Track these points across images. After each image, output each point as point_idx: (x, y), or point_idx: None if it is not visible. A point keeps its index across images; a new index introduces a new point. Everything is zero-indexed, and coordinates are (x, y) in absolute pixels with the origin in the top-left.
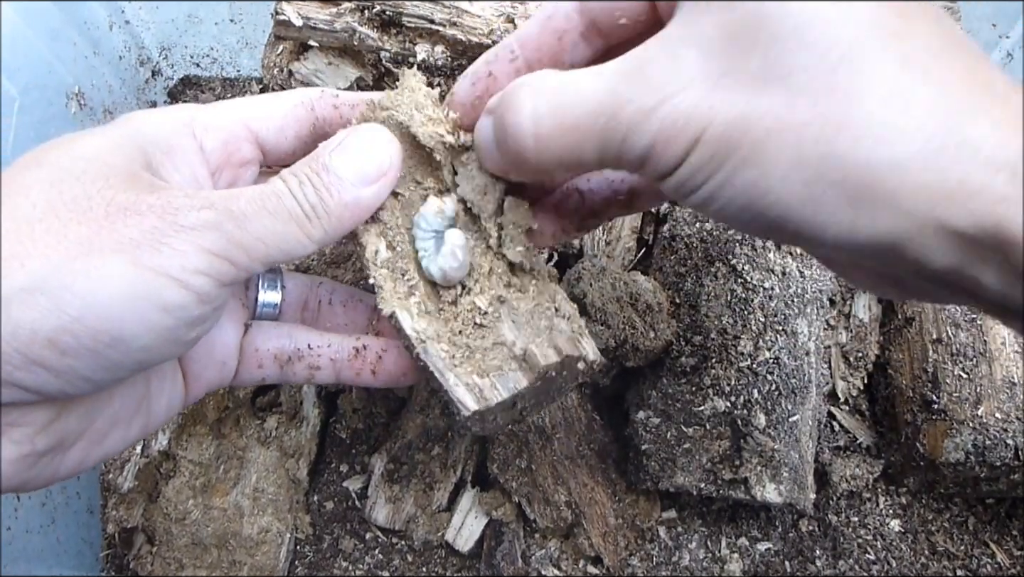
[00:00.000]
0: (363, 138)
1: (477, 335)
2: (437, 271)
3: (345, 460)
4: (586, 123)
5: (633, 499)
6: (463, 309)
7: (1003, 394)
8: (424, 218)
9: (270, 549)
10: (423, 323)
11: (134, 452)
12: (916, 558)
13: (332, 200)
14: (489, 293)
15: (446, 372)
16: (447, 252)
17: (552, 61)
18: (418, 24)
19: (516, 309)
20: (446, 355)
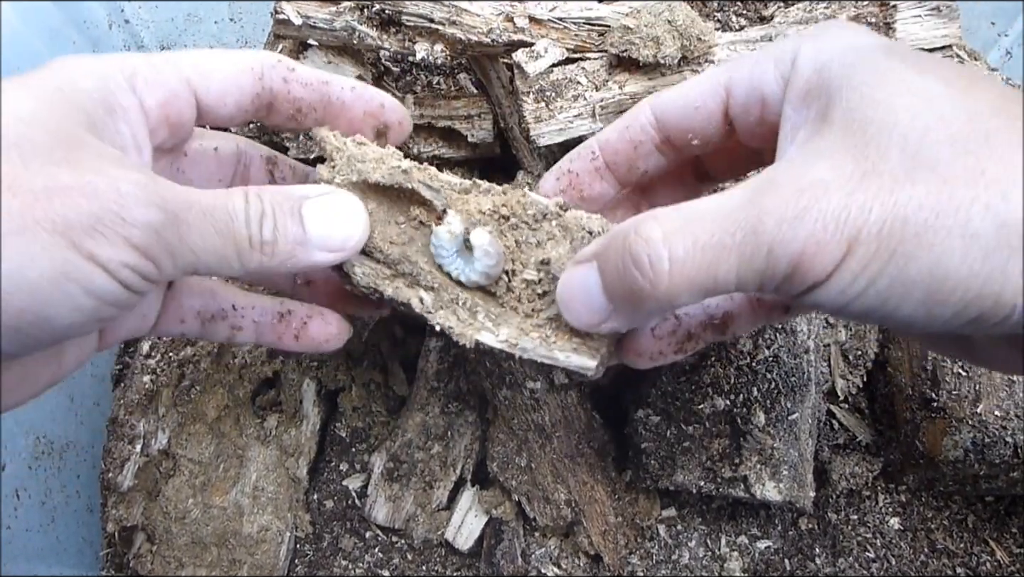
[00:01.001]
0: (342, 206)
1: (547, 303)
2: (480, 276)
3: (345, 459)
4: (723, 240)
5: (633, 497)
6: (520, 290)
7: (1002, 392)
8: (442, 247)
9: (270, 548)
10: (504, 331)
11: (134, 451)
12: (916, 556)
13: (286, 247)
14: (531, 263)
15: (552, 355)
16: (480, 255)
17: (627, 165)
18: (417, 23)
19: (559, 258)
20: (540, 341)
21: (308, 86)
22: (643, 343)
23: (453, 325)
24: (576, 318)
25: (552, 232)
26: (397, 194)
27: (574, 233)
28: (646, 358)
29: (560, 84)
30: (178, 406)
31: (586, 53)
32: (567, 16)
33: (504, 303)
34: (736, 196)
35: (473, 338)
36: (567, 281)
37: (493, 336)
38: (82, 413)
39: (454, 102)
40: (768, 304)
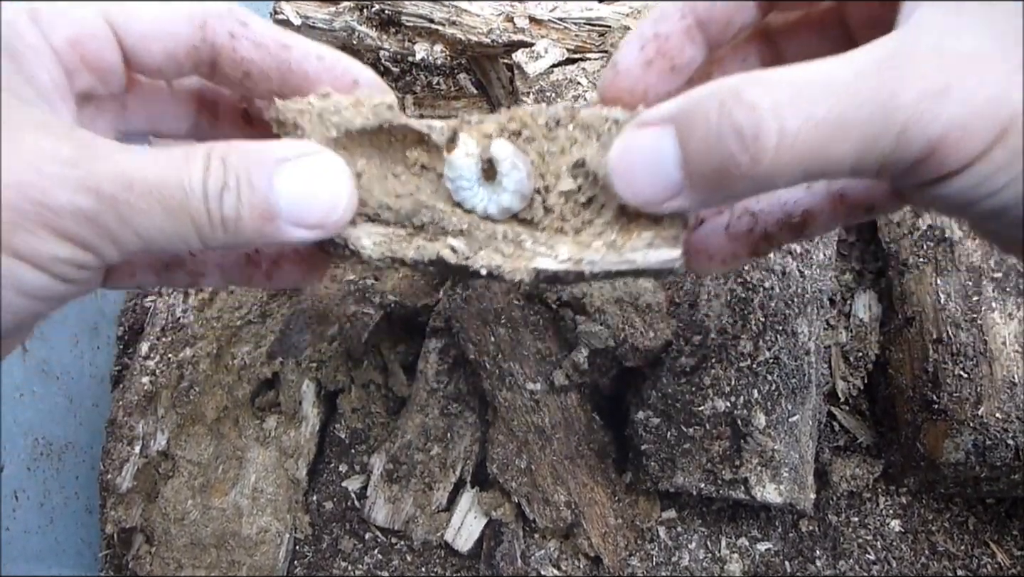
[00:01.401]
0: (322, 171)
1: (595, 211)
2: (512, 197)
3: (344, 460)
4: (845, 115)
5: (633, 499)
6: (560, 207)
7: (1004, 394)
8: (461, 176)
9: (269, 549)
10: (563, 249)
11: (133, 452)
12: (916, 558)
13: (251, 223)
14: (563, 172)
15: (626, 258)
16: (507, 169)
17: (724, 21)
18: (417, 23)
19: (594, 156)
20: (607, 248)
21: (261, 47)
22: (715, 244)
23: (500, 263)
24: (635, 192)
25: (572, 136)
26: (387, 140)
27: (597, 128)
28: (717, 261)
29: (560, 85)
30: (177, 407)
31: (587, 53)
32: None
33: (547, 227)
34: (859, 62)
35: (530, 268)
36: (627, 147)
37: (551, 259)
38: (81, 414)
39: (454, 102)
40: (851, 201)
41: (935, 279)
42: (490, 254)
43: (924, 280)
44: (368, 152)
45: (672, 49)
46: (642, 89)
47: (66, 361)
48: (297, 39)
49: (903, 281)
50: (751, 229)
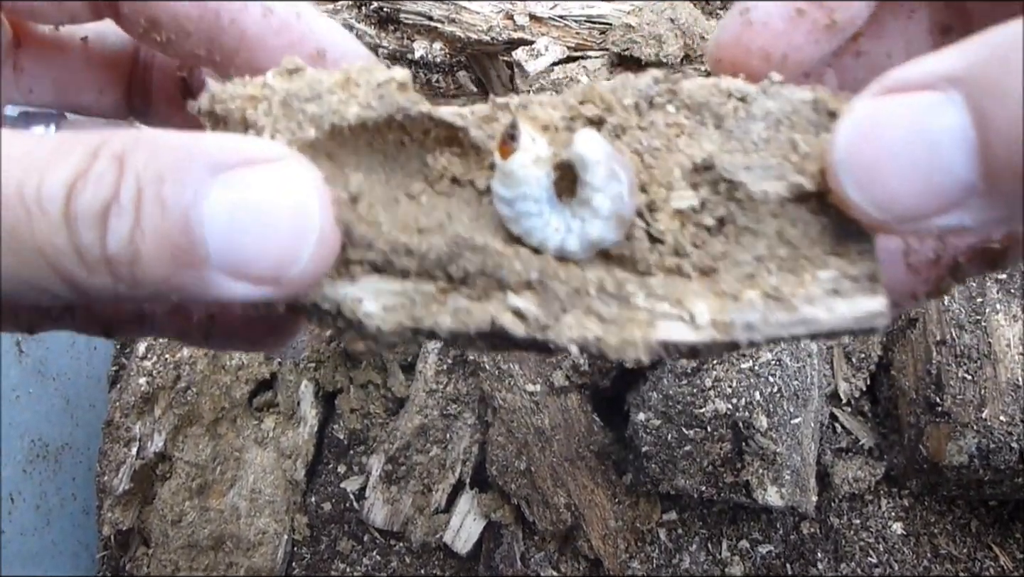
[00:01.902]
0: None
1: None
2: (608, 226)
3: (343, 461)
4: None
5: (633, 501)
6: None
7: (1008, 397)
8: (525, 195)
9: (267, 551)
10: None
11: (130, 454)
12: (918, 561)
13: (156, 267)
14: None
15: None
16: (601, 181)
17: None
18: (416, 21)
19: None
20: (767, 301)
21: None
22: (891, 278)
23: (600, 334)
24: (884, 199)
25: (676, 121)
26: (398, 141)
27: (715, 108)
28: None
29: (561, 83)
30: (174, 408)
31: (587, 51)
32: (568, 14)
33: (655, 267)
34: None
35: (651, 342)
36: (872, 124)
37: (684, 323)
38: (78, 415)
39: (453, 100)
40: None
41: None
42: (581, 320)
43: None
44: (368, 160)
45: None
46: (782, 51)
47: (63, 362)
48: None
49: None
50: (937, 258)
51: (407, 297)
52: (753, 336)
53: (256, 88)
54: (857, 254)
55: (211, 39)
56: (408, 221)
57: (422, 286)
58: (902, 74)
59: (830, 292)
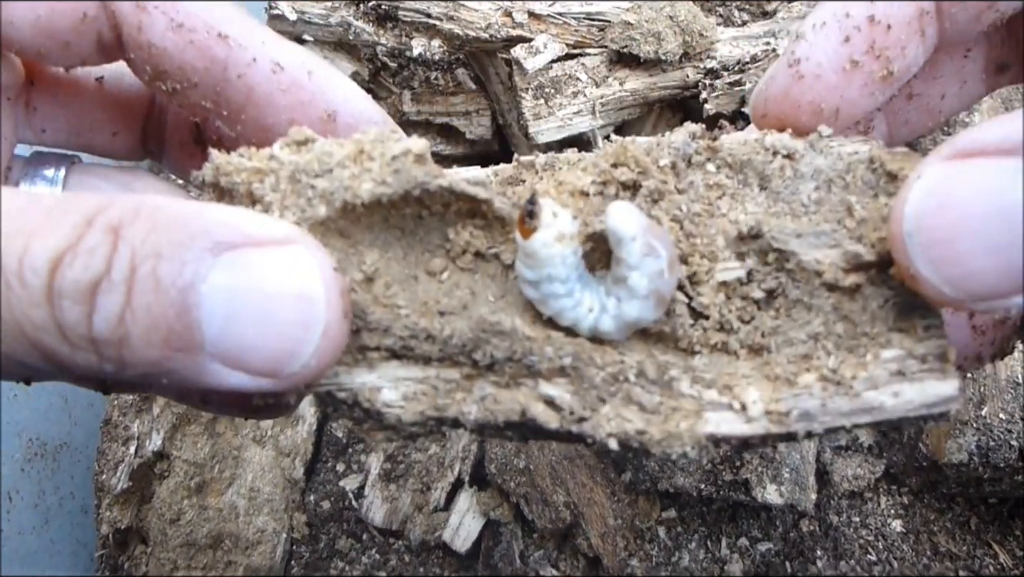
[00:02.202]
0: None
1: (783, 311)
2: (647, 306)
3: (341, 459)
4: None
5: (632, 499)
6: (720, 308)
7: (1007, 395)
8: (551, 276)
9: (266, 549)
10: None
11: (128, 452)
12: (918, 558)
13: (147, 351)
14: (719, 250)
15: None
16: (637, 258)
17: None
18: (414, 18)
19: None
20: (826, 388)
21: (183, 30)
22: (957, 340)
23: (642, 426)
24: (959, 276)
25: (717, 181)
26: (416, 216)
27: (759, 167)
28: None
29: (559, 80)
30: (172, 407)
31: (586, 49)
32: (567, 11)
33: (702, 344)
34: None
35: (696, 434)
36: (944, 192)
37: (735, 414)
38: (76, 414)
39: (452, 98)
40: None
41: None
42: (620, 410)
43: None
44: (384, 237)
45: (893, 46)
46: (834, 104)
47: None
48: (246, 28)
49: None
50: (1004, 320)
51: (429, 385)
52: (812, 427)
53: (262, 160)
54: (924, 330)
55: (217, 92)
56: (428, 302)
57: (445, 373)
58: (979, 136)
59: (895, 374)
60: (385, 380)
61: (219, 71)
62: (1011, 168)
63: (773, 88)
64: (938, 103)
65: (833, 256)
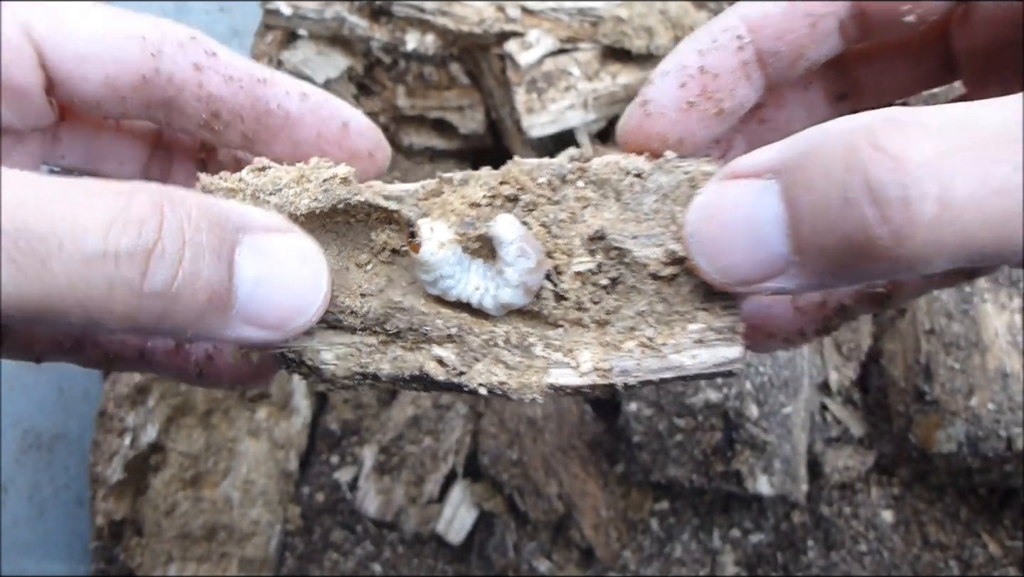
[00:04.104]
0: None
1: (623, 294)
2: (517, 289)
3: (335, 451)
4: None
5: (625, 491)
6: (576, 292)
7: (996, 385)
8: (438, 270)
9: (260, 541)
10: (585, 356)
11: (123, 444)
12: (908, 549)
13: (193, 306)
14: (576, 248)
15: (672, 363)
16: (512, 256)
17: (793, 55)
18: (408, 13)
19: (615, 223)
20: (643, 350)
21: (233, 82)
22: (780, 319)
23: (504, 378)
24: (723, 267)
25: (583, 195)
26: (346, 222)
27: (615, 184)
28: (780, 339)
29: (552, 75)
30: (167, 399)
31: (578, 44)
32: (560, 7)
33: (560, 320)
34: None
35: (542, 384)
36: (714, 204)
37: (572, 371)
38: (71, 405)
39: (446, 93)
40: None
41: None
42: (490, 367)
43: None
44: (323, 237)
45: (721, 89)
46: (677, 137)
47: None
48: (276, 73)
49: None
50: (824, 300)
51: (355, 348)
52: (628, 380)
53: (234, 182)
54: (722, 309)
55: (259, 121)
56: (354, 287)
57: (366, 339)
58: (743, 161)
59: (696, 341)
60: (323, 344)
61: (262, 105)
62: (758, 187)
63: (629, 123)
64: (788, 126)
65: (658, 253)
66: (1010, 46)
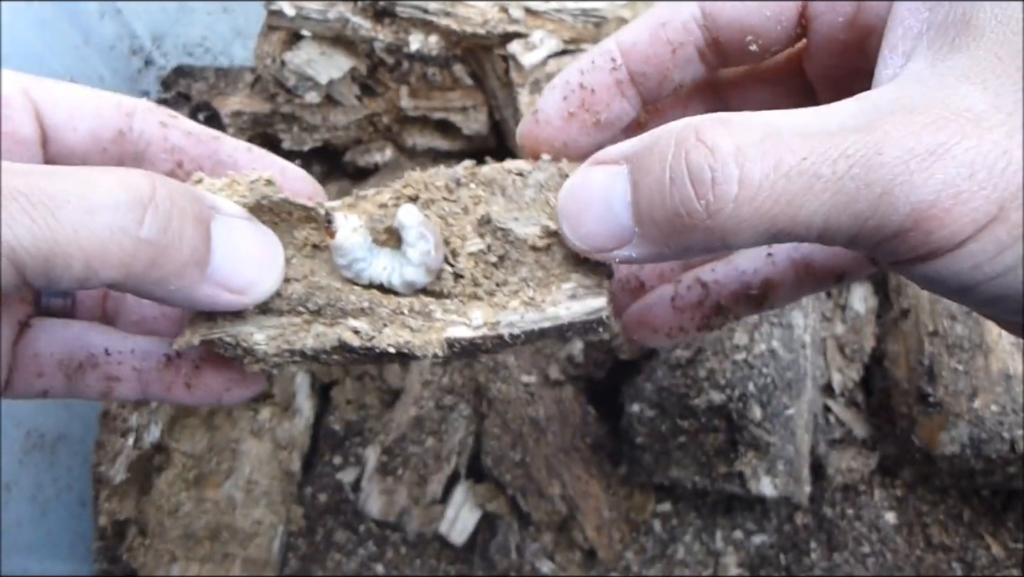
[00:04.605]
0: (262, 237)
1: (510, 268)
2: (419, 269)
3: (338, 452)
4: (819, 168)
5: (628, 492)
6: (470, 271)
7: (999, 387)
8: (352, 253)
9: (263, 541)
10: (477, 314)
11: (126, 444)
12: (911, 551)
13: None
14: (469, 233)
15: (548, 314)
16: (414, 239)
17: (660, 76)
18: (412, 14)
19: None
20: (526, 306)
21: (192, 136)
22: (659, 316)
23: (409, 338)
24: (582, 235)
25: (475, 194)
26: (272, 222)
27: (501, 182)
28: (662, 335)
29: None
30: None
31: (582, 45)
32: (563, 8)
33: (458, 294)
34: (841, 113)
35: (441, 339)
36: (578, 185)
37: (466, 326)
38: (74, 406)
39: (449, 94)
40: (819, 270)
41: None
42: (396, 331)
43: None
44: None
45: (598, 104)
46: (561, 142)
47: None
48: (223, 135)
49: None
50: (701, 301)
51: (283, 328)
52: (513, 331)
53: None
54: (591, 269)
55: (214, 171)
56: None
57: (292, 320)
58: (601, 153)
59: (570, 296)
60: (255, 327)
61: (216, 158)
62: (613, 171)
63: (524, 130)
64: None
65: (536, 230)
66: (852, 73)
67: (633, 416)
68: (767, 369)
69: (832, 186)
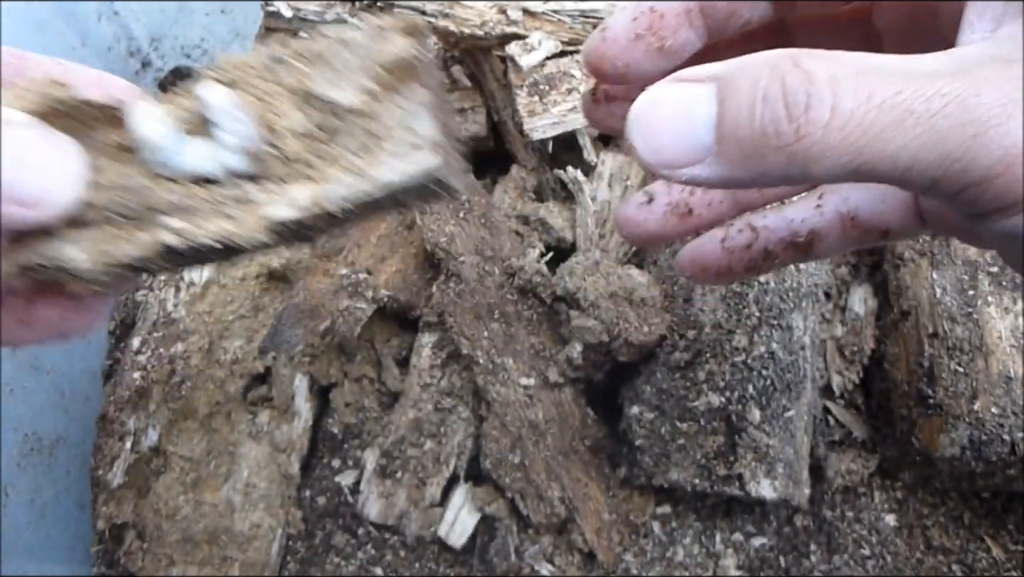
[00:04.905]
0: (39, 135)
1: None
2: (237, 151)
3: (337, 455)
4: (912, 104)
5: (627, 494)
6: (300, 150)
7: (999, 389)
8: (158, 147)
9: (262, 545)
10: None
11: (124, 448)
12: (911, 553)
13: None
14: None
15: (379, 179)
16: (225, 122)
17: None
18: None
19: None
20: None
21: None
22: (710, 255)
23: (230, 228)
24: (654, 150)
25: (298, 69)
26: (77, 127)
27: (327, 55)
28: (711, 274)
29: (554, 77)
30: (169, 402)
31: (580, 46)
32: (562, 9)
33: (291, 177)
34: (935, 59)
35: (261, 221)
36: (656, 99)
37: (287, 207)
38: (72, 409)
39: (447, 95)
40: (864, 224)
41: (931, 273)
42: (217, 223)
43: (920, 274)
44: None
45: (665, 28)
46: (624, 63)
47: (57, 355)
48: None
49: (899, 275)
50: (750, 245)
51: (99, 241)
52: (344, 204)
53: None
54: (417, 126)
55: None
56: (89, 184)
57: (107, 230)
58: (687, 71)
59: (392, 155)
60: (68, 243)
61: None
62: (699, 88)
63: (590, 45)
64: None
65: (359, 94)
66: (921, 31)
67: (632, 418)
68: (766, 371)
69: (924, 122)
